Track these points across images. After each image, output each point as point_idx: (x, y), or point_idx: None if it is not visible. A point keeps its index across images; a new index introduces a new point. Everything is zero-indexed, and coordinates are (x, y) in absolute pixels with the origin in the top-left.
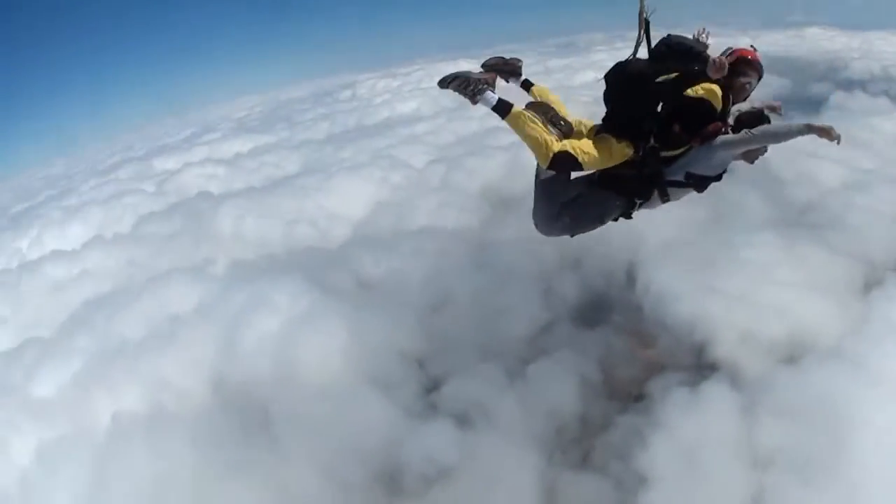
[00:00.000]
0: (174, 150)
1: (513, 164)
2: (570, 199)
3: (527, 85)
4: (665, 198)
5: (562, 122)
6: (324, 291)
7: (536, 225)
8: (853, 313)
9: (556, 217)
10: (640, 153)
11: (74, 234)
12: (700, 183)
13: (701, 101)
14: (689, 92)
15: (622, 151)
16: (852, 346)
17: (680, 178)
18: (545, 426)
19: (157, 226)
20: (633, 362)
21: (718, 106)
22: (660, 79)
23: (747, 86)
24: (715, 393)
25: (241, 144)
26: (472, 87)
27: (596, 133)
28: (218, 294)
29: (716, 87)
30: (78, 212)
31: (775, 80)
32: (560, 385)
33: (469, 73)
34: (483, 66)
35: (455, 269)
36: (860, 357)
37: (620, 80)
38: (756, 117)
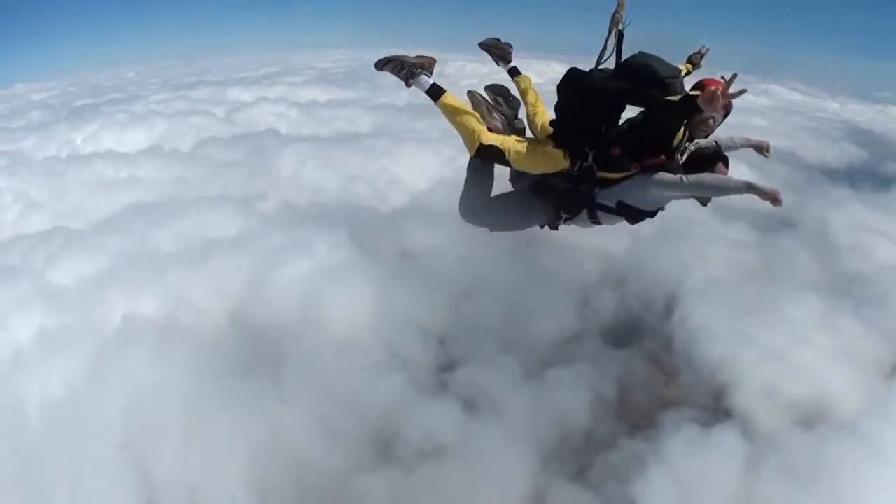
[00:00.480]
0: (251, 84)
1: None
2: (501, 193)
3: (514, 72)
4: (594, 219)
5: (511, 98)
6: (364, 251)
7: (461, 210)
8: (876, 392)
9: (482, 207)
10: (576, 168)
11: (133, 139)
12: (632, 215)
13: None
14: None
15: (557, 161)
16: (869, 423)
17: (611, 204)
18: (550, 432)
19: (218, 151)
20: (650, 390)
21: (676, 138)
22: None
23: (710, 121)
24: (724, 438)
25: (320, 93)
26: (406, 71)
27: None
28: (260, 229)
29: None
30: (142, 119)
31: (854, 150)
32: (574, 395)
33: (405, 56)
34: (480, 44)
35: (497, 260)
36: (875, 436)
37: (574, 89)
38: (708, 158)
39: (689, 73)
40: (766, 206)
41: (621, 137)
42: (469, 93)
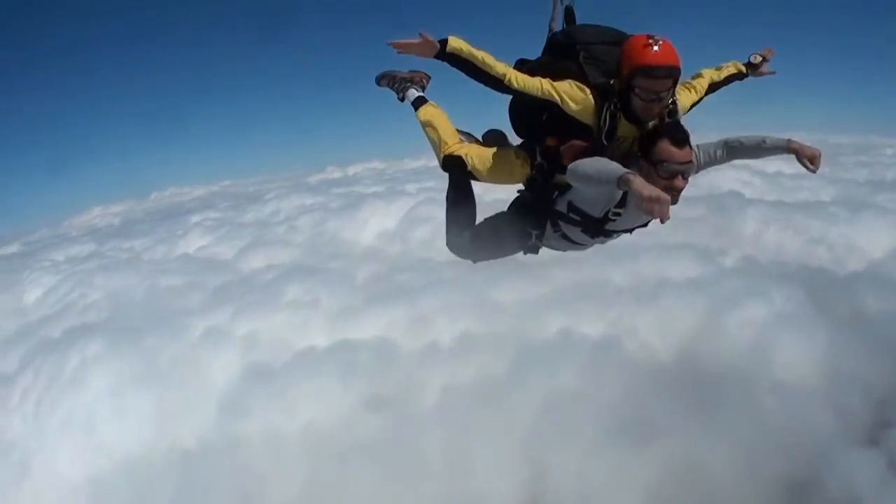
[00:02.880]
0: None
1: None
2: (481, 220)
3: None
4: (558, 230)
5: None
6: (817, 307)
7: (446, 241)
8: None
9: (462, 234)
10: (533, 172)
11: None
12: (586, 223)
13: (544, 101)
14: (537, 88)
15: (518, 169)
16: None
17: (564, 208)
18: None
19: (681, 208)
20: None
21: (583, 117)
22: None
23: (653, 104)
24: None
25: (787, 166)
26: (397, 85)
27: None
28: (717, 276)
29: (580, 89)
30: None
31: None
32: None
33: (397, 71)
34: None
35: None
36: None
37: None
38: (647, 138)
39: (741, 74)
40: None
41: (555, 125)
42: None
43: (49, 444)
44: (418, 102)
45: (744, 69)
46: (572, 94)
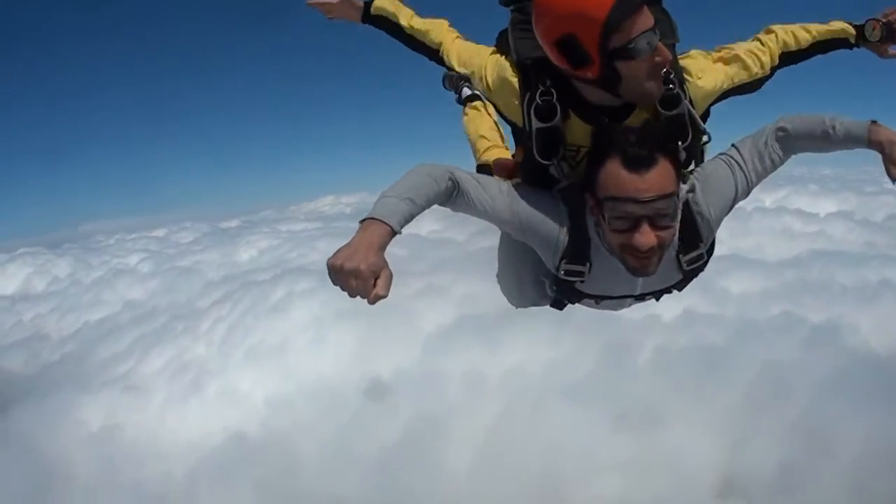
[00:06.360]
0: None
1: None
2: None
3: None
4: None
5: None
6: None
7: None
8: None
9: (503, 270)
10: None
11: (823, 205)
12: (554, 279)
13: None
14: (473, 68)
15: None
16: None
17: None
18: None
19: None
20: None
21: (513, 117)
22: None
23: (644, 72)
24: None
25: None
26: (453, 83)
27: None
28: None
29: (502, 72)
30: (834, 192)
31: None
32: None
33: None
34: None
35: None
36: None
37: None
38: (594, 151)
39: (846, 41)
40: None
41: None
42: None
43: (231, 367)
44: (466, 101)
45: (852, 37)
46: (493, 82)
